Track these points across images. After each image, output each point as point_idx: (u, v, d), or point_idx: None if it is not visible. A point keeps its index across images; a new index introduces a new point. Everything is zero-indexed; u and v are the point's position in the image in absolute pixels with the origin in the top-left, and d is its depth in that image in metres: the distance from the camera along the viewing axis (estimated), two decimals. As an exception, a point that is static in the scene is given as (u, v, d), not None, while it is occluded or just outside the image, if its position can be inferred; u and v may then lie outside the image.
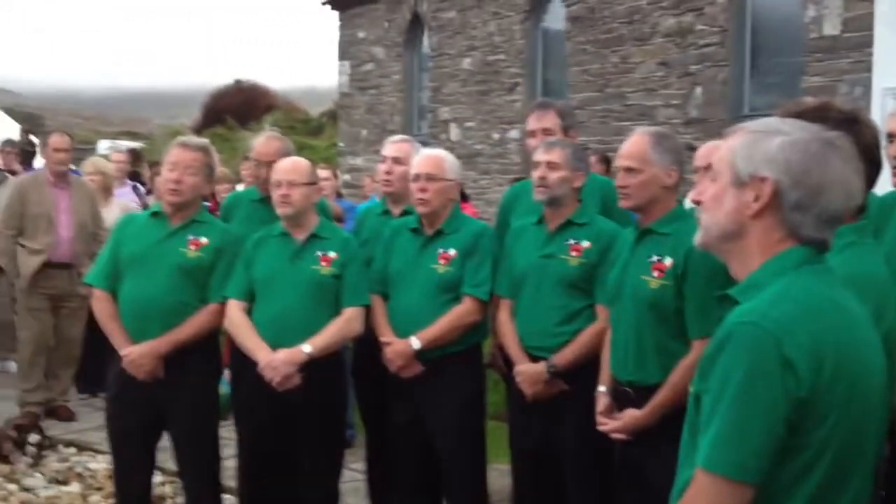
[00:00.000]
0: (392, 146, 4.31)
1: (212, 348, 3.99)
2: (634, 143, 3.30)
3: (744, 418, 1.63)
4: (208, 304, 3.87)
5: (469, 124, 12.61)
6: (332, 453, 3.91)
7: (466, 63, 12.57)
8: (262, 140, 4.48)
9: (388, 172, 4.24)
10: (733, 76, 8.99)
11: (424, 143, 10.17)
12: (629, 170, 3.25)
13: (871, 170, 2.29)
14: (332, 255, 3.84)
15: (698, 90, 9.26)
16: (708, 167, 1.90)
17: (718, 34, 9.06)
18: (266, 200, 4.29)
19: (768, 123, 1.82)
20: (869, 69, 6.48)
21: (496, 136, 12.14)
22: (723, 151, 1.83)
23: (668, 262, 3.15)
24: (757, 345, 1.64)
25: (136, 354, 3.76)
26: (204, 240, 3.88)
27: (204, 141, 4.04)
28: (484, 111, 12.35)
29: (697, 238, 1.88)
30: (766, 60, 8.86)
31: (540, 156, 3.67)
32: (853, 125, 2.24)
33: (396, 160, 4.22)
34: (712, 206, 1.83)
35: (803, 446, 1.66)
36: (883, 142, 3.03)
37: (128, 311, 3.85)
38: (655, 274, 3.16)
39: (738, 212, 1.79)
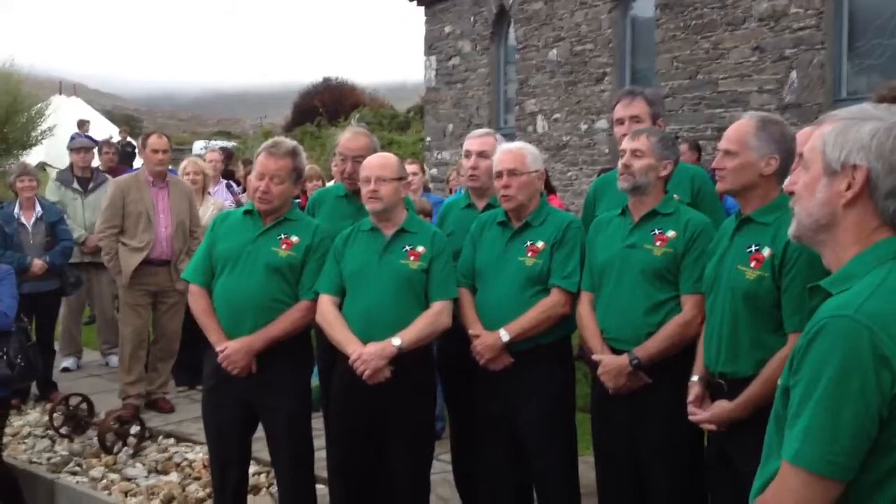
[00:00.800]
0: (476, 140, 4.31)
1: (304, 343, 4.08)
2: (737, 127, 3.24)
3: (835, 413, 1.59)
4: (300, 300, 3.94)
5: (556, 116, 12.50)
6: (422, 445, 3.93)
7: (553, 54, 12.47)
8: (349, 135, 4.53)
9: (473, 168, 4.23)
10: (830, 59, 8.69)
11: (511, 136, 10.12)
12: (727, 152, 3.19)
13: None
14: (421, 249, 3.86)
15: (794, 74, 8.99)
16: (801, 155, 1.84)
17: (814, 16, 8.77)
18: (351, 196, 4.34)
19: (860, 110, 1.77)
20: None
21: (584, 126, 12.01)
22: (813, 140, 1.78)
23: (766, 252, 3.07)
24: (850, 339, 1.59)
25: (231, 350, 3.86)
26: (295, 238, 3.97)
27: (291, 144, 4.09)
28: (571, 102, 12.23)
29: (791, 230, 1.84)
30: (865, 42, 8.53)
31: (626, 143, 3.63)
32: None
33: (482, 154, 4.21)
34: (804, 195, 1.79)
35: (895, 444, 1.61)
36: None
37: (222, 308, 3.96)
38: (753, 264, 3.09)
39: (830, 201, 1.74)
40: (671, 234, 3.54)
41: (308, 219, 4.20)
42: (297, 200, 7.01)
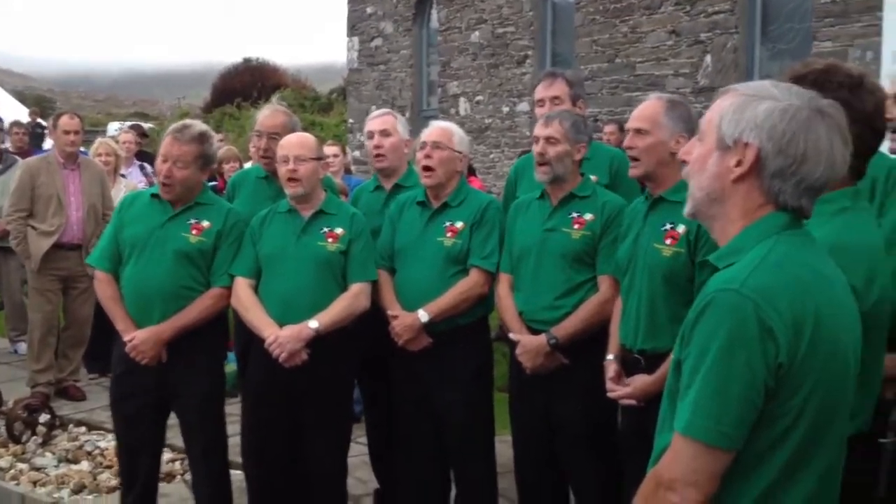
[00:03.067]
0: (376, 120, 4.31)
1: (217, 331, 3.97)
2: (647, 107, 3.30)
3: (723, 385, 1.63)
4: (212, 287, 3.85)
5: (478, 98, 12.53)
6: (340, 428, 3.90)
7: (475, 36, 12.47)
8: (267, 112, 4.45)
9: (378, 146, 4.22)
10: (744, 43, 8.89)
11: (434, 119, 10.11)
12: (638, 131, 3.25)
13: (873, 137, 2.24)
14: (339, 231, 3.82)
15: (708, 58, 9.16)
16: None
17: (728, 1, 8.95)
18: (271, 177, 4.26)
19: (760, 86, 1.81)
20: (879, 33, 6.37)
21: (506, 109, 12.07)
22: (712, 112, 1.82)
23: (681, 229, 3.13)
24: (737, 312, 1.63)
25: (139, 340, 3.74)
26: (206, 223, 3.86)
27: (199, 129, 3.93)
28: (493, 85, 12.27)
29: (686, 208, 1.88)
30: (777, 27, 8.74)
31: (539, 131, 3.64)
32: (856, 90, 2.20)
33: (384, 132, 4.22)
34: (697, 168, 1.83)
35: (781, 413, 1.67)
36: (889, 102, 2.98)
37: (130, 295, 3.83)
38: (669, 242, 3.15)
39: (720, 176, 1.78)
40: (589, 216, 3.58)
41: (220, 203, 4.09)
42: (213, 183, 6.89)
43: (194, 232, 3.83)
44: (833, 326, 1.71)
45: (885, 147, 3.31)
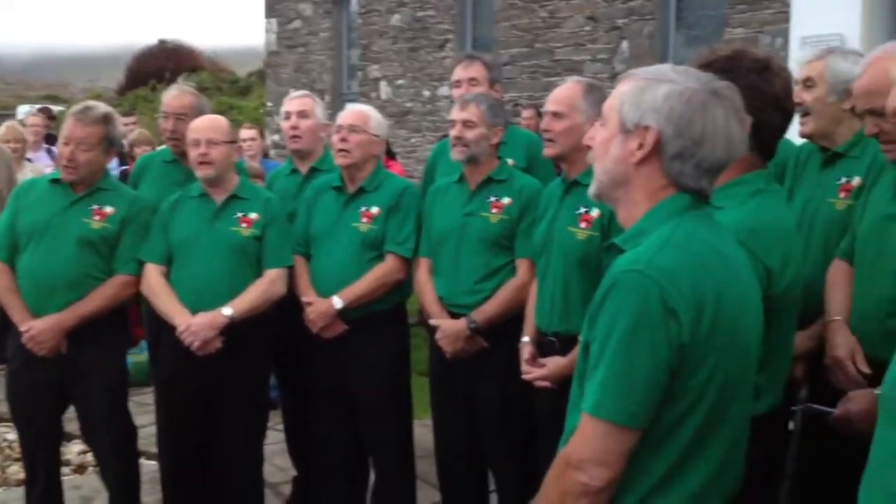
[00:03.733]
0: (294, 101, 4.27)
1: (119, 320, 3.84)
2: (564, 90, 3.31)
3: (628, 365, 1.65)
4: (116, 275, 3.72)
5: (399, 82, 12.46)
6: (255, 416, 3.84)
7: (395, 20, 12.39)
8: (174, 93, 4.33)
9: (294, 128, 4.17)
10: (660, 30, 9.02)
11: (355, 102, 10.00)
12: (555, 114, 3.26)
13: (782, 118, 2.29)
14: (253, 216, 3.75)
15: (625, 44, 9.28)
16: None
17: (645, -12, 9.07)
18: (179, 160, 4.16)
19: (659, 70, 1.84)
20: (788, 20, 6.53)
21: (427, 93, 12.03)
22: (612, 97, 1.84)
23: (594, 213, 3.16)
24: (641, 293, 1.66)
25: (37, 330, 3.58)
26: (109, 209, 3.72)
27: (103, 110, 3.80)
28: (414, 69, 12.22)
29: (591, 189, 1.90)
30: (691, 13, 8.90)
31: (456, 114, 3.63)
32: (764, 73, 2.24)
33: (301, 114, 4.17)
34: (601, 152, 1.85)
35: (684, 391, 1.70)
36: (796, 87, 3.05)
37: (27, 285, 3.66)
38: (583, 225, 3.18)
39: (623, 159, 1.81)
40: (506, 200, 3.59)
41: (124, 188, 3.97)
42: (123, 168, 6.71)
43: (97, 218, 3.70)
44: (734, 306, 1.75)
45: (793, 130, 3.40)
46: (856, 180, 2.97)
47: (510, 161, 3.88)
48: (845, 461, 2.03)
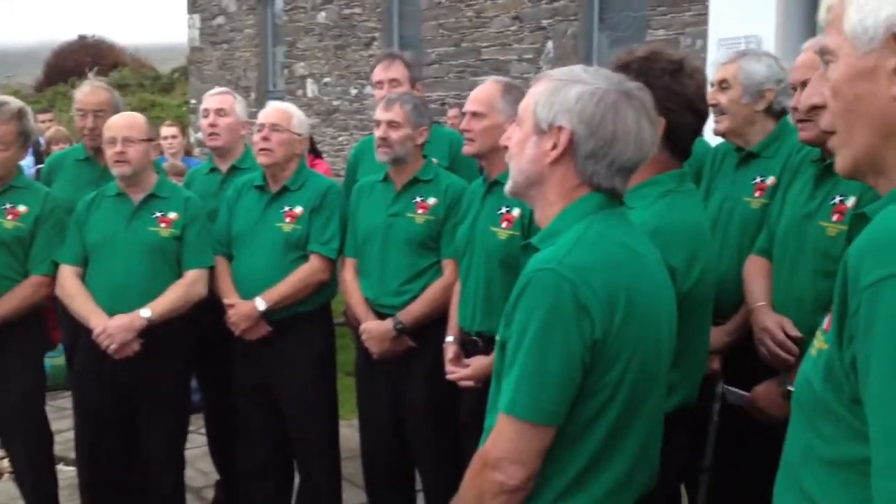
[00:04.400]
0: (213, 98, 4.20)
1: (36, 323, 3.74)
2: (483, 90, 3.32)
3: (542, 362, 1.67)
4: (30, 275, 3.62)
5: (326, 80, 12.37)
6: (176, 419, 3.77)
7: (322, 17, 12.29)
8: (87, 89, 4.22)
9: (212, 125, 4.10)
10: (584, 30, 9.11)
11: (281, 100, 9.91)
12: (475, 114, 3.27)
13: (696, 119, 2.32)
14: (173, 215, 3.68)
15: (550, 44, 9.36)
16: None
17: (569, -12, 9.16)
18: (93, 158, 4.06)
19: (571, 72, 1.86)
20: (707, 22, 6.66)
21: (354, 91, 11.96)
22: (527, 99, 1.87)
23: (515, 212, 3.18)
24: (554, 290, 1.67)
25: None
26: (22, 208, 3.63)
27: (16, 105, 3.70)
28: (341, 66, 12.14)
29: (507, 187, 1.92)
30: (614, 14, 9.01)
31: (380, 114, 3.62)
32: (678, 74, 2.26)
33: (220, 112, 4.11)
34: (516, 152, 1.87)
35: (598, 388, 1.72)
36: (712, 88, 3.12)
37: None
38: (504, 225, 3.19)
39: (538, 159, 1.83)
40: (432, 201, 3.59)
41: (36, 186, 3.85)
42: (41, 166, 6.50)
43: (10, 217, 3.60)
44: (646, 303, 1.77)
45: (708, 129, 3.47)
46: (770, 179, 3.04)
47: (434, 160, 3.88)
48: (761, 455, 2.07)
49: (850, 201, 2.58)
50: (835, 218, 2.61)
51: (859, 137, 1.24)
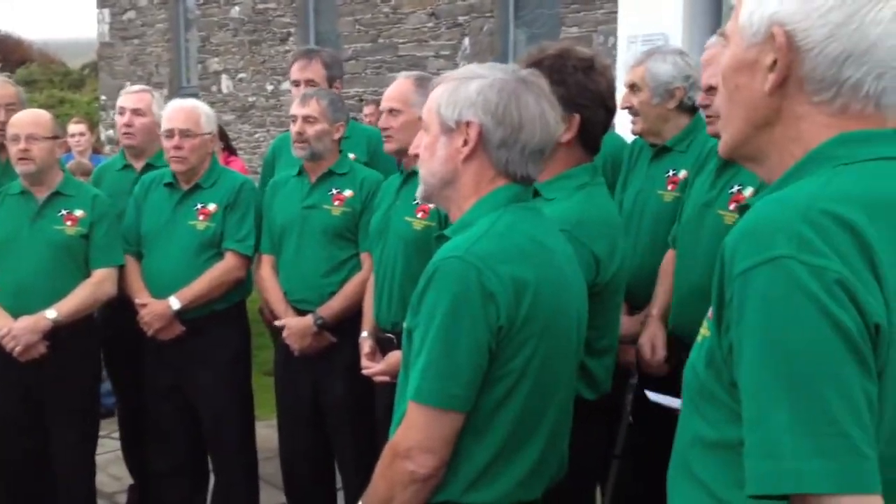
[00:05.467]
0: (130, 96, 4.08)
1: None
2: (397, 87, 3.34)
3: (450, 349, 1.68)
4: None
5: (241, 76, 12.18)
6: (85, 423, 3.66)
7: (235, 11, 12.10)
8: None
9: (128, 125, 4.00)
10: (500, 27, 9.18)
11: (194, 96, 9.74)
12: (391, 111, 3.28)
13: (606, 115, 2.38)
14: (79, 213, 3.58)
15: (467, 41, 9.40)
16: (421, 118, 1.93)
17: (484, -16, 9.21)
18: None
19: (468, 70, 1.91)
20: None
21: (270, 87, 11.81)
22: (429, 102, 1.89)
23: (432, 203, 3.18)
24: (460, 278, 1.70)
25: None
26: None
27: None
28: (256, 62, 11.97)
29: (420, 193, 1.93)
30: (529, 11, 9.10)
31: (296, 109, 3.59)
32: (589, 72, 2.31)
33: (137, 111, 4.00)
34: (427, 157, 1.89)
35: (503, 374, 1.74)
36: (623, 89, 3.19)
37: None
38: (420, 215, 3.19)
39: (451, 158, 1.85)
40: (348, 193, 3.58)
41: None
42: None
43: None
44: (554, 295, 1.80)
45: (624, 129, 3.54)
46: (682, 173, 3.13)
47: (351, 155, 3.87)
48: (669, 443, 2.12)
49: (749, 191, 2.67)
50: (732, 207, 2.70)
51: (736, 125, 1.28)
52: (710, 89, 2.62)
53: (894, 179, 1.18)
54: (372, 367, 3.22)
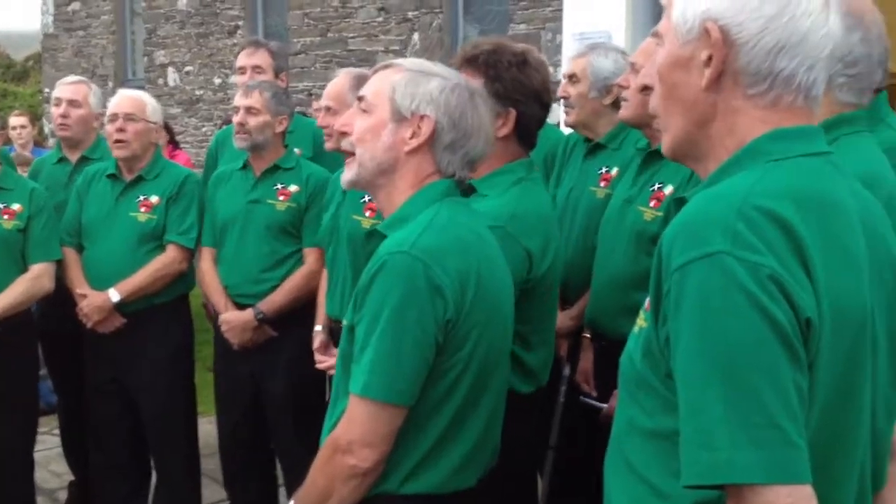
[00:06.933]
0: (66, 87, 4.03)
1: None
2: (335, 84, 3.33)
3: (397, 343, 1.69)
4: None
5: (188, 69, 12.03)
6: (22, 420, 3.60)
7: (182, 4, 11.95)
8: None
9: (63, 116, 3.94)
10: (449, 23, 9.20)
11: (140, 89, 9.61)
12: (328, 109, 3.26)
13: (541, 110, 2.39)
14: (16, 207, 3.53)
15: (416, 36, 9.40)
16: (359, 99, 1.91)
17: (433, -20, 9.22)
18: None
19: (422, 64, 1.91)
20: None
21: (217, 81, 11.68)
22: (380, 85, 1.86)
23: None
24: (407, 272, 1.70)
25: None
26: None
27: None
28: (203, 55, 11.83)
29: (349, 175, 1.91)
30: (479, 8, 9.13)
31: (239, 100, 3.56)
32: (524, 67, 2.33)
33: (73, 102, 3.95)
34: (369, 138, 1.86)
35: (450, 366, 1.76)
36: (563, 81, 3.22)
37: None
38: (368, 214, 3.19)
39: (395, 146, 1.84)
40: (293, 188, 3.56)
41: None
42: None
43: None
44: (492, 283, 1.83)
45: (556, 120, 3.58)
46: (615, 170, 3.17)
47: (297, 150, 3.85)
48: (603, 435, 2.17)
49: (669, 189, 2.71)
50: (652, 203, 2.75)
51: (676, 123, 1.29)
52: (645, 89, 2.67)
53: (823, 176, 1.21)
54: (325, 361, 3.22)
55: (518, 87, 2.28)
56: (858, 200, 1.25)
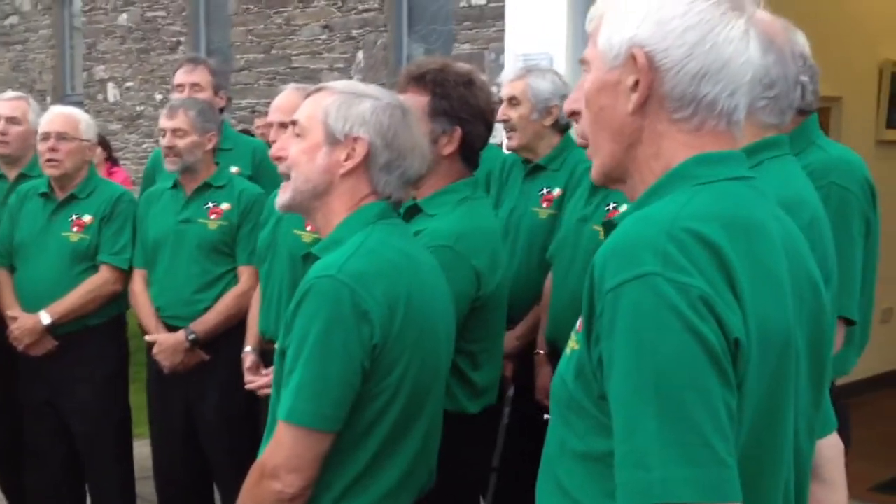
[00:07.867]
0: (6, 104, 3.94)
1: None
2: (287, 98, 3.27)
3: (322, 368, 1.67)
4: None
5: (129, 84, 11.88)
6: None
7: (123, 19, 11.80)
8: None
9: (2, 133, 3.86)
10: (393, 42, 9.21)
11: (79, 105, 9.43)
12: (282, 125, 3.21)
13: (486, 130, 2.41)
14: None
15: (360, 55, 9.40)
16: (293, 123, 1.90)
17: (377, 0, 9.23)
18: None
19: (354, 85, 1.92)
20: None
21: (159, 97, 11.54)
22: (313, 108, 1.86)
23: None
24: (333, 297, 1.69)
25: None
26: None
27: None
28: (144, 71, 11.69)
29: (283, 199, 1.90)
30: (423, 27, 9.17)
31: (164, 122, 3.49)
32: (470, 86, 2.34)
33: (12, 119, 3.87)
34: (303, 161, 1.86)
35: (379, 391, 1.74)
36: (503, 105, 3.24)
37: None
38: (309, 228, 3.16)
39: (330, 169, 1.84)
40: (225, 206, 3.51)
41: None
42: None
43: None
44: (424, 306, 1.82)
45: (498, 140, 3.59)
46: (556, 191, 3.20)
47: (235, 169, 3.81)
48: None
49: (623, 208, 2.74)
50: None
51: (604, 147, 1.31)
52: (574, 114, 2.69)
53: (747, 200, 1.23)
54: (256, 381, 3.18)
55: (464, 105, 2.29)
56: (779, 223, 1.27)
